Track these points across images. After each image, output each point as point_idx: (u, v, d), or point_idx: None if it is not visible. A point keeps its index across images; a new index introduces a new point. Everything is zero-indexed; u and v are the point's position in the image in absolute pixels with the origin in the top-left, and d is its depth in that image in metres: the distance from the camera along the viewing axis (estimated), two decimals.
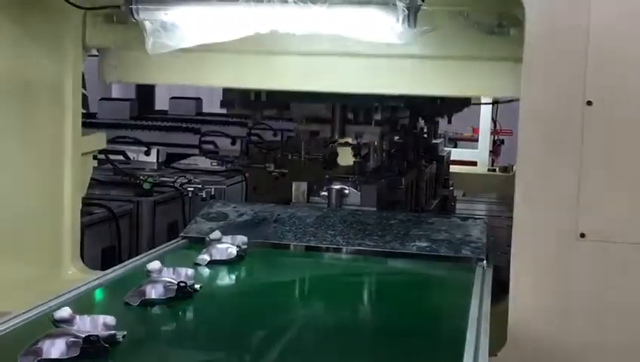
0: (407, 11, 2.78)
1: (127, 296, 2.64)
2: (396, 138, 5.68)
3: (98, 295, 2.86)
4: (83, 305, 2.63)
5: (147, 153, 5.21)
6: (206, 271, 3.11)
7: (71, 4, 3.50)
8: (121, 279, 3.01)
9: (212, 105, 7.98)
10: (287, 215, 3.71)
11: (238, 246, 3.24)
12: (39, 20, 3.60)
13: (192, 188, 5.10)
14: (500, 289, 3.18)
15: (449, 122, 7.12)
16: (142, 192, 5.01)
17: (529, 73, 2.98)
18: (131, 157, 5.29)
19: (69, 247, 3.88)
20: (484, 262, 3.26)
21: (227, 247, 3.22)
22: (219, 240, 3.26)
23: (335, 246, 3.44)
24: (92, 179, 4.20)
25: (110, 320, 2.22)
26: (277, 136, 6.64)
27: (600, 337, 3.01)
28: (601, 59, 2.90)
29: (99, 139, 4.19)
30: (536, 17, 2.93)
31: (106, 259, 4.42)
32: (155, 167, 5.34)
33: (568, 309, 3.02)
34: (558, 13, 2.93)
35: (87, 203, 4.25)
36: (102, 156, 4.88)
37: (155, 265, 2.72)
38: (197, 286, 2.76)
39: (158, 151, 5.17)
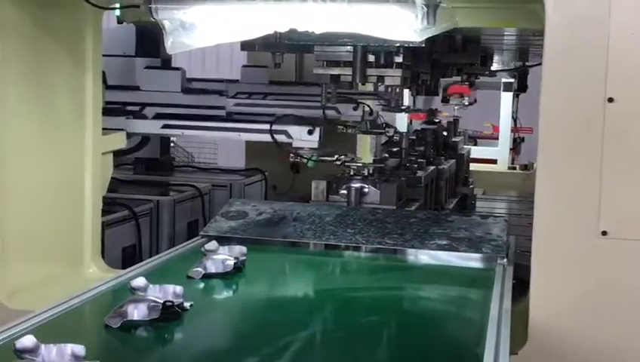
0: (426, 8, 2.77)
1: (107, 318, 2.36)
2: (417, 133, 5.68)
3: (74, 316, 2.54)
4: (54, 329, 2.36)
5: (310, 132, 4.71)
6: (199, 286, 2.83)
7: (90, 3, 3.52)
8: (104, 295, 2.72)
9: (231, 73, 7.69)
10: (306, 213, 3.70)
11: (235, 258, 2.96)
12: (58, 20, 3.63)
13: (354, 167, 4.46)
14: (522, 287, 3.16)
15: (471, 85, 7.05)
16: (161, 192, 5.02)
17: (550, 70, 2.96)
18: (293, 136, 4.76)
19: (90, 246, 3.91)
20: (505, 260, 3.24)
21: (224, 259, 2.93)
22: (215, 251, 2.98)
23: (355, 245, 3.43)
24: (112, 178, 4.22)
25: (79, 349, 1.96)
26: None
27: (622, 335, 2.98)
28: (622, 55, 2.87)
29: (119, 139, 4.21)
30: (556, 14, 2.91)
31: (126, 258, 4.45)
32: (316, 146, 4.75)
33: (589, 307, 3.00)
34: (578, 9, 2.91)
35: (108, 202, 4.27)
36: (267, 138, 4.68)
37: (139, 281, 2.42)
38: (187, 304, 2.49)
39: (320, 130, 4.71)
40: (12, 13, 3.35)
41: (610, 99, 2.89)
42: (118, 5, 3.90)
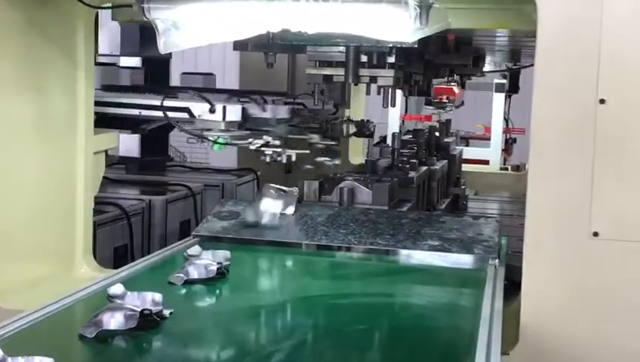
0: (418, 9, 2.78)
1: (82, 327, 2.25)
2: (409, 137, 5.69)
3: (49, 324, 2.41)
4: (26, 339, 2.25)
5: (212, 110, 4.18)
6: (180, 293, 2.74)
7: (82, 2, 3.52)
8: (82, 301, 2.61)
9: (224, 82, 7.69)
10: (298, 213, 3.70)
11: (219, 263, 2.88)
12: (51, 19, 3.62)
13: (269, 152, 4.29)
14: (513, 288, 3.17)
15: (463, 87, 7.09)
16: (154, 191, 5.02)
17: (542, 71, 2.96)
18: (196, 115, 4.28)
19: (82, 246, 3.90)
20: (496, 260, 3.25)
21: (206, 264, 2.85)
22: (198, 256, 2.91)
23: (347, 246, 3.43)
24: (104, 177, 4.21)
25: None
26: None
27: (613, 336, 2.99)
28: (614, 57, 2.88)
29: (111, 139, 4.20)
30: (548, 15, 2.92)
31: (118, 258, 4.44)
32: (223, 127, 4.24)
33: (581, 308, 3.01)
34: (570, 11, 2.92)
35: (100, 202, 4.26)
36: (160, 114, 4.19)
37: (116, 289, 2.33)
38: (167, 311, 2.39)
39: (224, 107, 4.19)
40: (3, 12, 3.34)
41: (602, 101, 2.90)
42: (110, 5, 3.89)
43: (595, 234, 2.94)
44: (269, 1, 2.90)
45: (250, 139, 4.12)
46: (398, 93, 5.81)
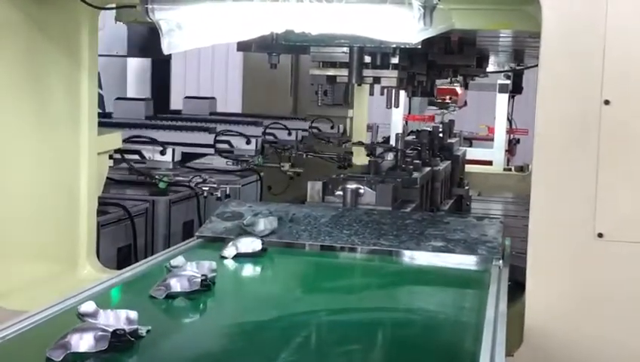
0: (423, 10, 2.77)
1: (49, 350, 2.04)
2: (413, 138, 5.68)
3: (18, 343, 2.22)
4: None
5: (162, 153, 5.24)
6: (160, 308, 2.54)
7: (86, 2, 3.52)
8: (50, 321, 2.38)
9: (226, 105, 7.83)
10: (302, 214, 3.70)
11: (203, 275, 2.67)
12: (54, 19, 3.62)
13: (207, 188, 5.11)
14: (517, 289, 3.16)
15: (466, 87, 7.13)
16: (157, 191, 5.04)
17: (546, 72, 2.96)
18: (147, 157, 5.33)
19: (85, 246, 3.90)
20: (500, 261, 3.25)
21: (190, 276, 2.64)
22: (181, 267, 2.72)
23: (350, 246, 3.42)
24: (108, 178, 4.21)
25: None
26: (291, 136, 6.74)
27: (617, 337, 2.99)
28: (619, 57, 2.88)
29: (114, 139, 4.20)
30: (553, 16, 2.91)
31: (121, 258, 4.44)
32: (171, 167, 5.36)
33: (585, 309, 3.00)
34: (574, 11, 2.91)
35: (103, 202, 4.26)
36: (117, 155, 4.91)
37: (87, 307, 2.14)
38: (142, 330, 2.20)
39: (173, 150, 5.19)
40: (6, 11, 3.35)
41: (607, 102, 2.89)
42: (114, 5, 3.89)
43: (600, 235, 2.94)
44: (272, 2, 2.90)
45: (190, 177, 4.85)
46: (402, 93, 5.82)
